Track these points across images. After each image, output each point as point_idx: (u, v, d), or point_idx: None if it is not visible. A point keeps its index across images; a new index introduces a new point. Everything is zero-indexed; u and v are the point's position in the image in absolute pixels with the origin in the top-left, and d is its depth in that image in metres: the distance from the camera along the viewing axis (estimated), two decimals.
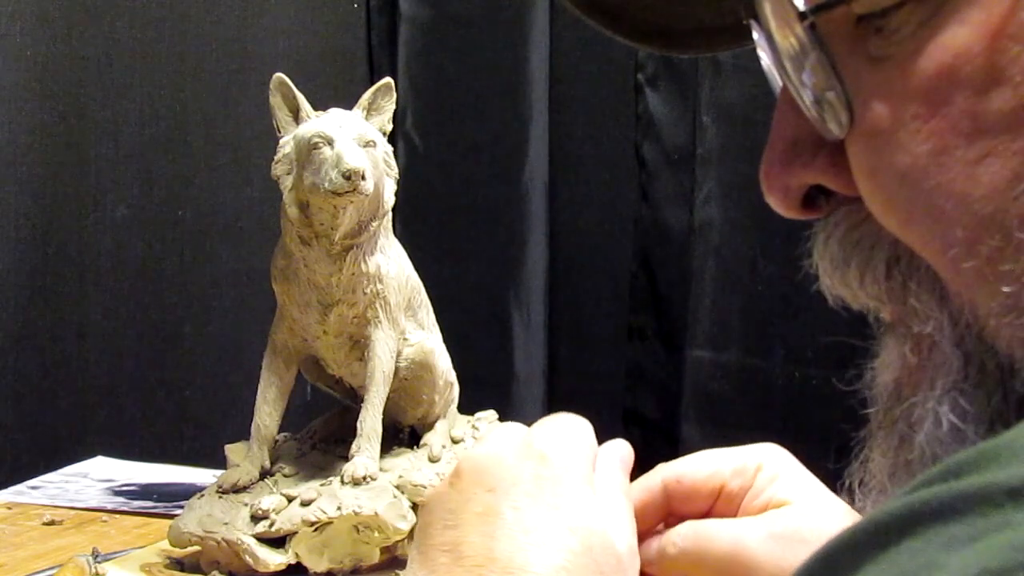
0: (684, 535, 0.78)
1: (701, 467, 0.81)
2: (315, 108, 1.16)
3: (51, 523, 1.32)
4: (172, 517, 1.22)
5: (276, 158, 1.15)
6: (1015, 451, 0.38)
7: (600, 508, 0.70)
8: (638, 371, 1.95)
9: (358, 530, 1.15)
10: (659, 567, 0.79)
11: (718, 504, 0.81)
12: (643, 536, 0.77)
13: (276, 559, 1.15)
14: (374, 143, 1.14)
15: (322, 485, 1.16)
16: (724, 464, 0.80)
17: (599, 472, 0.73)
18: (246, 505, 1.16)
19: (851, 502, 0.57)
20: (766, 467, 0.81)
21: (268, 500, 1.15)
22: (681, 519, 0.79)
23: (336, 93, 1.58)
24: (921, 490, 0.38)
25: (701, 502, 0.80)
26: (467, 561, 0.63)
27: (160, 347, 1.80)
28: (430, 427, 1.23)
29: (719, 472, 0.80)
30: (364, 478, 1.14)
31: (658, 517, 0.80)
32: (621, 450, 0.76)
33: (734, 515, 0.79)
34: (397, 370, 1.19)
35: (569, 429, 0.74)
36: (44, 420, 1.66)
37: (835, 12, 0.48)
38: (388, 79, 1.20)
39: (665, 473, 0.80)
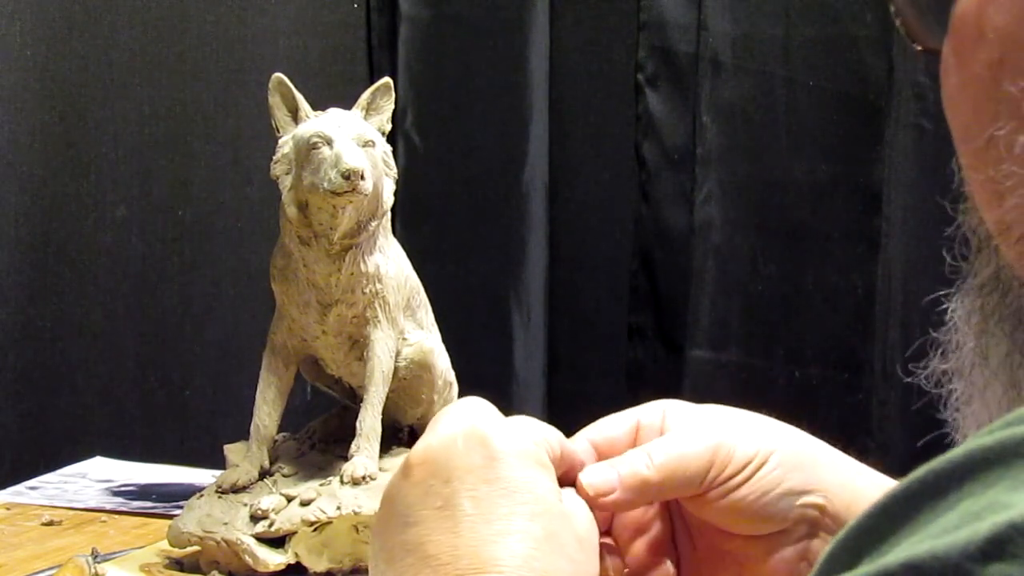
0: (655, 452, 0.77)
1: (614, 418, 0.81)
2: (315, 108, 1.16)
3: (50, 523, 1.32)
4: (171, 517, 1.22)
5: (275, 158, 1.15)
6: None
7: (555, 489, 0.70)
8: (638, 371, 1.95)
9: (358, 530, 1.15)
10: (629, 494, 0.77)
11: (637, 443, 0.80)
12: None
13: (276, 559, 1.14)
14: (373, 143, 1.14)
15: (321, 485, 1.16)
16: (636, 411, 0.80)
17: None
18: (245, 505, 1.16)
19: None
20: (673, 409, 0.81)
21: (267, 500, 1.15)
22: None
23: (336, 93, 1.58)
24: (984, 437, 0.37)
25: (621, 447, 0.79)
26: (433, 560, 0.63)
27: (160, 347, 1.80)
28: None
29: (632, 415, 0.80)
30: (363, 478, 1.14)
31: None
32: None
33: None
34: (396, 370, 1.19)
35: (515, 417, 0.74)
36: (43, 420, 1.66)
37: None
38: (387, 79, 1.19)
39: (585, 431, 0.80)
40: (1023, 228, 0.48)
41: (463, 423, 0.69)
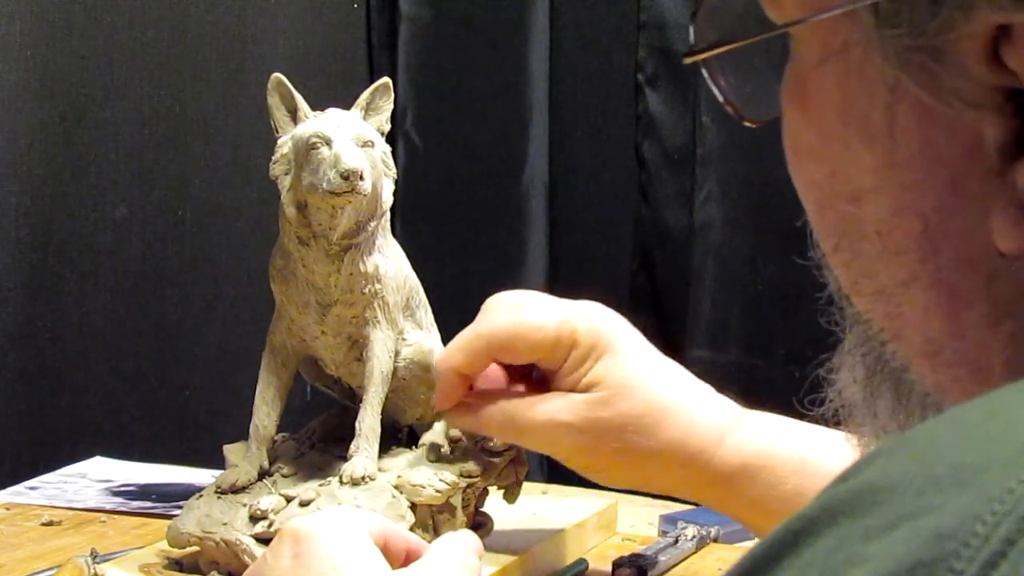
0: (500, 424, 1.01)
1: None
2: (315, 108, 1.16)
3: (49, 524, 1.32)
4: (171, 517, 1.22)
5: (274, 158, 1.15)
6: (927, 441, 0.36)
7: (379, 557, 0.71)
8: None
9: None
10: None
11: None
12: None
13: None
14: (372, 143, 1.14)
15: (321, 485, 1.16)
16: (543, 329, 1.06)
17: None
18: (245, 505, 1.16)
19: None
20: (581, 342, 1.04)
21: (267, 500, 1.15)
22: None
23: (336, 93, 1.58)
24: (837, 486, 0.36)
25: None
26: None
27: (160, 347, 1.80)
28: (428, 427, 1.22)
29: (539, 340, 1.04)
30: (363, 478, 1.14)
31: (484, 364, 1.04)
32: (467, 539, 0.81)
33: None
34: (395, 370, 1.18)
35: (332, 511, 0.79)
36: (43, 420, 1.66)
37: None
38: (386, 79, 1.19)
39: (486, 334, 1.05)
40: (953, 355, 0.46)
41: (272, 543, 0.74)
